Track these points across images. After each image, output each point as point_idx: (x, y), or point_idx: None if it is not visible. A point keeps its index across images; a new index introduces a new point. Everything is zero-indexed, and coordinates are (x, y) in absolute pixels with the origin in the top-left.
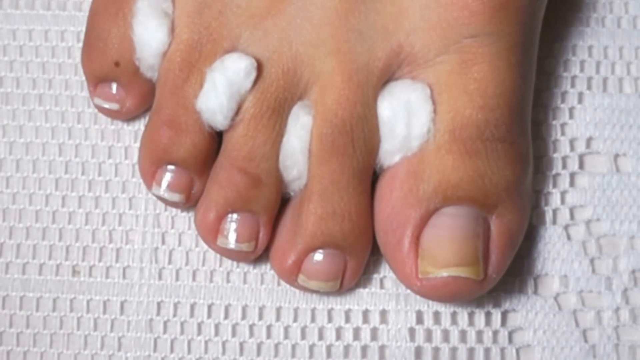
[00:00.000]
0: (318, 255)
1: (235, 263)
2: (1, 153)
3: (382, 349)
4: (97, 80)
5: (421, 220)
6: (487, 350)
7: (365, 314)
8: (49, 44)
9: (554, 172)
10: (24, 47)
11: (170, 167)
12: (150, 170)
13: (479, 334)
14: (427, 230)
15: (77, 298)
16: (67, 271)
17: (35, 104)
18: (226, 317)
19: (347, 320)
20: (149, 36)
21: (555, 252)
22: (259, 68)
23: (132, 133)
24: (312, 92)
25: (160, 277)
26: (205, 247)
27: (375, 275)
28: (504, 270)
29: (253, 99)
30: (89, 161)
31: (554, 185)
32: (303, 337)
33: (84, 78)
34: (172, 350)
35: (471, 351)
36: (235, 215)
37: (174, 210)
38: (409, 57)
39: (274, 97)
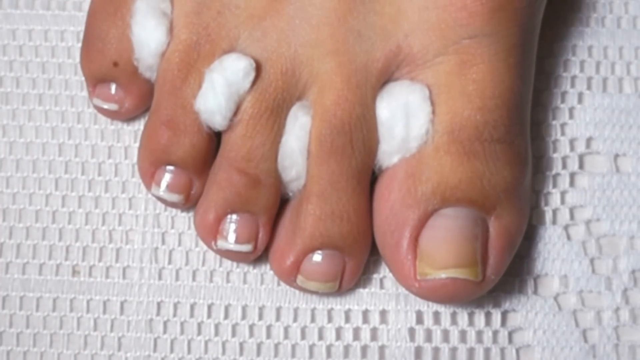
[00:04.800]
0: (317, 256)
1: (235, 263)
2: (1, 153)
3: (382, 349)
4: (96, 80)
5: (419, 222)
6: (487, 350)
7: (365, 314)
8: (49, 44)
9: (554, 172)
10: (23, 46)
11: (169, 167)
12: (149, 171)
13: (479, 334)
14: (426, 231)
15: (77, 298)
16: (67, 271)
17: (35, 103)
18: (226, 317)
19: (347, 320)
20: (148, 36)
21: (555, 252)
22: (258, 68)
23: (132, 133)
24: (310, 92)
25: (160, 277)
26: (205, 247)
27: (375, 275)
28: (502, 272)
29: (252, 100)
30: (89, 161)
31: (554, 185)
32: (303, 337)
33: (83, 78)
34: (172, 350)
35: (471, 351)
36: (234, 216)
37: (173, 210)
38: (407, 58)
39: (273, 98)
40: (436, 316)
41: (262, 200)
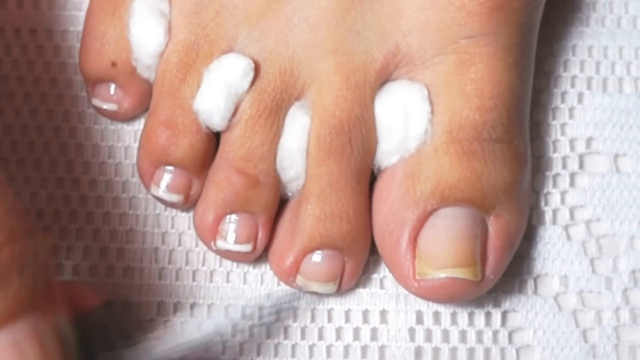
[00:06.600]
0: (316, 257)
1: (235, 263)
2: (4, 152)
3: (382, 349)
4: (94, 80)
5: (418, 222)
6: (487, 351)
7: (365, 314)
8: (51, 44)
9: (554, 172)
10: (27, 46)
11: (169, 168)
12: (148, 171)
13: (479, 334)
14: (425, 231)
15: None
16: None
17: (38, 103)
18: (226, 317)
19: (347, 320)
20: (146, 36)
21: (555, 252)
22: (256, 69)
23: (133, 133)
24: (309, 92)
25: (160, 277)
26: (205, 247)
27: (375, 275)
28: (502, 271)
29: (250, 100)
30: (91, 161)
31: (554, 185)
32: (303, 337)
33: None
34: None
35: (471, 351)
36: (233, 216)
37: (174, 210)
38: (406, 58)
39: (271, 98)
40: (436, 316)
41: (261, 200)
